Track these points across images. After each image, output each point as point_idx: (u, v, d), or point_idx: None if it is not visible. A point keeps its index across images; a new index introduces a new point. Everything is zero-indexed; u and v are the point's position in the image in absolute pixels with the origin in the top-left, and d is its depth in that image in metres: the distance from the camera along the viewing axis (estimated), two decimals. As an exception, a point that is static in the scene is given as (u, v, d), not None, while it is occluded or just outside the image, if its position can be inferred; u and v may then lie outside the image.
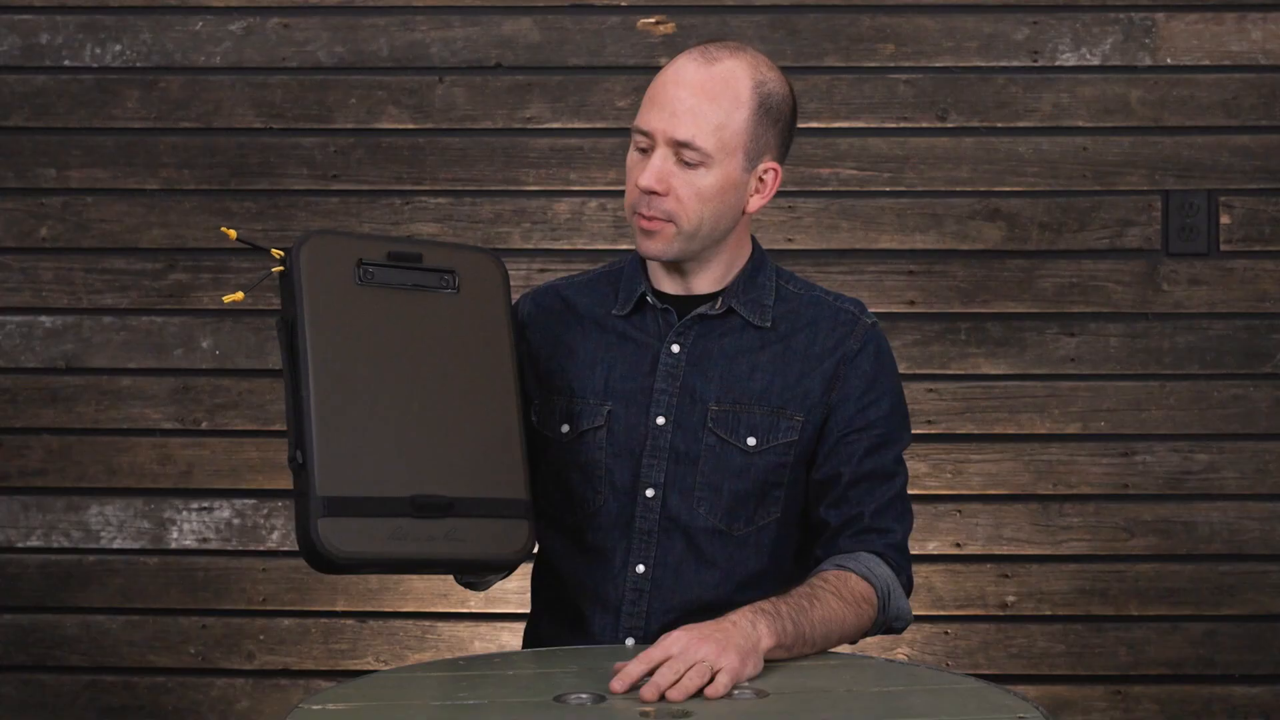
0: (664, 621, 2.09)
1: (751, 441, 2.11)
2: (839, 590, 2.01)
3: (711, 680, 1.78)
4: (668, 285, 2.19)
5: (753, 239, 2.21)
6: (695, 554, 2.12)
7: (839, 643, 2.02)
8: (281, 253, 1.96)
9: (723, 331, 2.16)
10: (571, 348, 2.20)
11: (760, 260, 2.20)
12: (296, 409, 1.92)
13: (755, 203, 2.14)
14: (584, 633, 2.14)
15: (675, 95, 2.07)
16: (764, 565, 2.14)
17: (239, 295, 2.01)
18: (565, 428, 2.17)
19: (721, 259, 2.16)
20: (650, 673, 1.79)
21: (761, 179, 2.13)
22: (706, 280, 2.17)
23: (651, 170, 2.07)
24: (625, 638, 2.12)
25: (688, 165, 2.07)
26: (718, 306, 2.15)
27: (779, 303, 2.18)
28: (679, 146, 2.06)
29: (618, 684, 1.77)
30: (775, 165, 2.14)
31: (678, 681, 1.77)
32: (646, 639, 2.09)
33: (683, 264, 2.16)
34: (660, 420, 2.13)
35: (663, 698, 1.75)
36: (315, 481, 1.89)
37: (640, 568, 2.12)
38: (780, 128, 2.13)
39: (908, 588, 2.13)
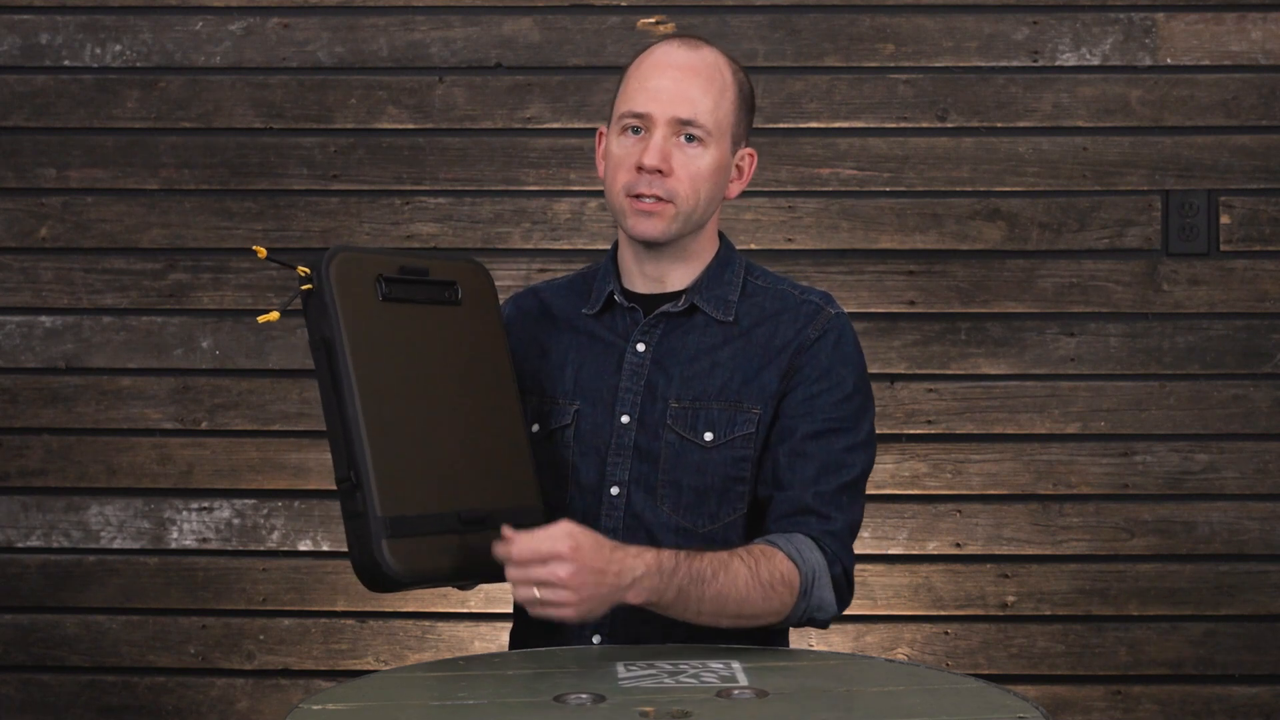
0: (628, 618, 2.08)
1: (709, 436, 2.11)
2: (755, 568, 1.98)
3: (553, 605, 1.86)
4: (640, 285, 2.20)
5: (722, 236, 2.23)
6: None
7: (738, 621, 1.98)
8: (307, 270, 1.94)
9: (687, 329, 2.16)
10: (545, 348, 2.22)
11: (728, 257, 2.21)
12: (345, 429, 1.91)
13: (735, 188, 2.19)
14: (557, 630, 2.14)
15: (673, 77, 2.11)
16: None
17: (274, 315, 1.99)
18: (536, 427, 2.18)
19: (695, 251, 2.18)
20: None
21: (739, 166, 2.19)
22: (679, 276, 2.18)
23: (655, 149, 2.09)
24: (592, 635, 2.12)
25: (688, 143, 2.10)
26: (680, 303, 2.16)
27: (744, 298, 2.19)
28: (682, 125, 2.10)
29: (500, 549, 1.87)
30: (751, 151, 2.20)
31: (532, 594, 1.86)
32: (612, 636, 2.10)
33: (662, 255, 2.16)
34: (625, 419, 2.13)
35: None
36: (375, 502, 1.89)
37: None
38: (751, 117, 2.20)
39: (842, 581, 2.08)
